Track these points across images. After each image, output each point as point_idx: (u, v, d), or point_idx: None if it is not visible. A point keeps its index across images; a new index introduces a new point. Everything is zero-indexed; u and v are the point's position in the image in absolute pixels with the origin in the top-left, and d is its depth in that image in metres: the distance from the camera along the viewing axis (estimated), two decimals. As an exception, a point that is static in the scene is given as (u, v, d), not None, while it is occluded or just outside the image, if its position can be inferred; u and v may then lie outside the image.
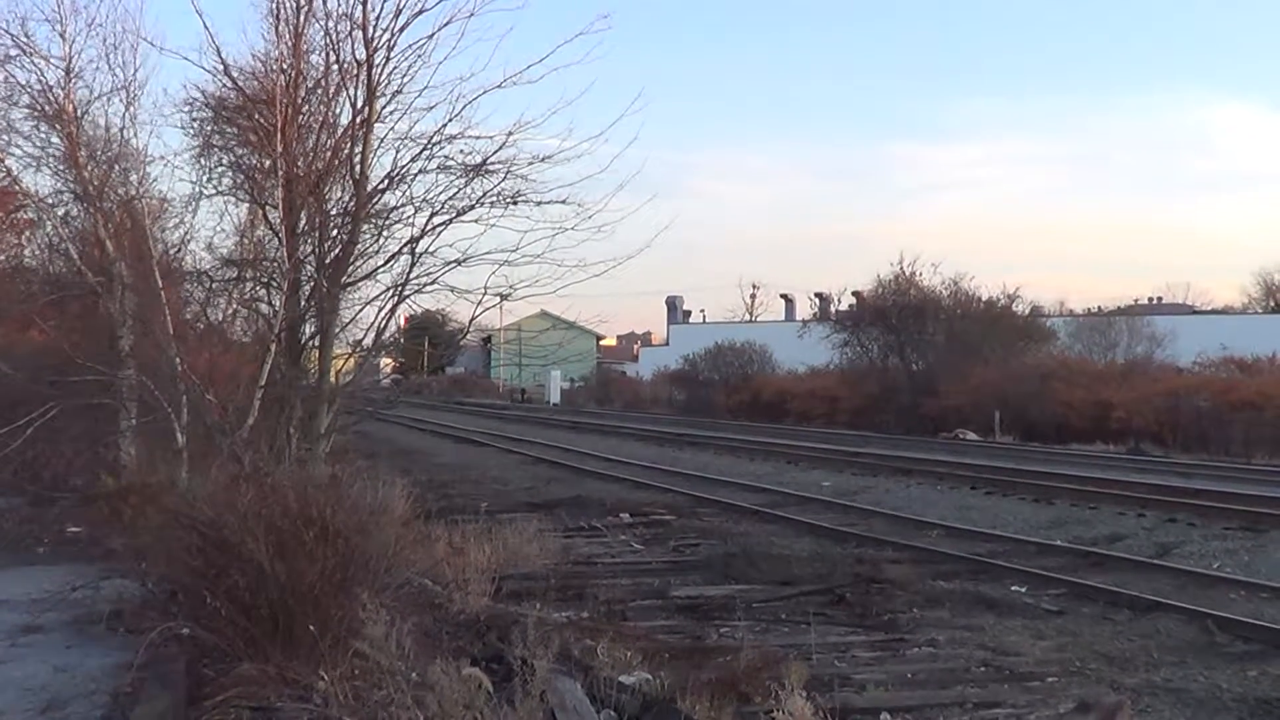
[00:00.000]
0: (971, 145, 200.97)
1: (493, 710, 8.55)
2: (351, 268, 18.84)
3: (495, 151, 18.28)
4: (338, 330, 19.30)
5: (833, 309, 77.88)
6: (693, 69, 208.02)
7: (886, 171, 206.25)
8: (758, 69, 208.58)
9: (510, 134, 18.21)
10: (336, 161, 19.12)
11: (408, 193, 18.82)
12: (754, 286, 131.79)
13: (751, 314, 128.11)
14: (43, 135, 21.63)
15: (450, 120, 18.25)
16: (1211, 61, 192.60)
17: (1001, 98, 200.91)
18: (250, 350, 20.56)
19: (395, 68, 18.41)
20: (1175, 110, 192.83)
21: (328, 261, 18.78)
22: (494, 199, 18.42)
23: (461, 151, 18.47)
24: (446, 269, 18.63)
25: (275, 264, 19.29)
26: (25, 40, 20.57)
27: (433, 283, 18.74)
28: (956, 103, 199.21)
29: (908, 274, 61.73)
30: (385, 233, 19.23)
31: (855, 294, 71.97)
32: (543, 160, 18.32)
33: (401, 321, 27.22)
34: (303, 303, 19.02)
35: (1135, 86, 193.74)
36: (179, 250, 22.76)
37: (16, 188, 22.30)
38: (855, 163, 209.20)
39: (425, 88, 18.45)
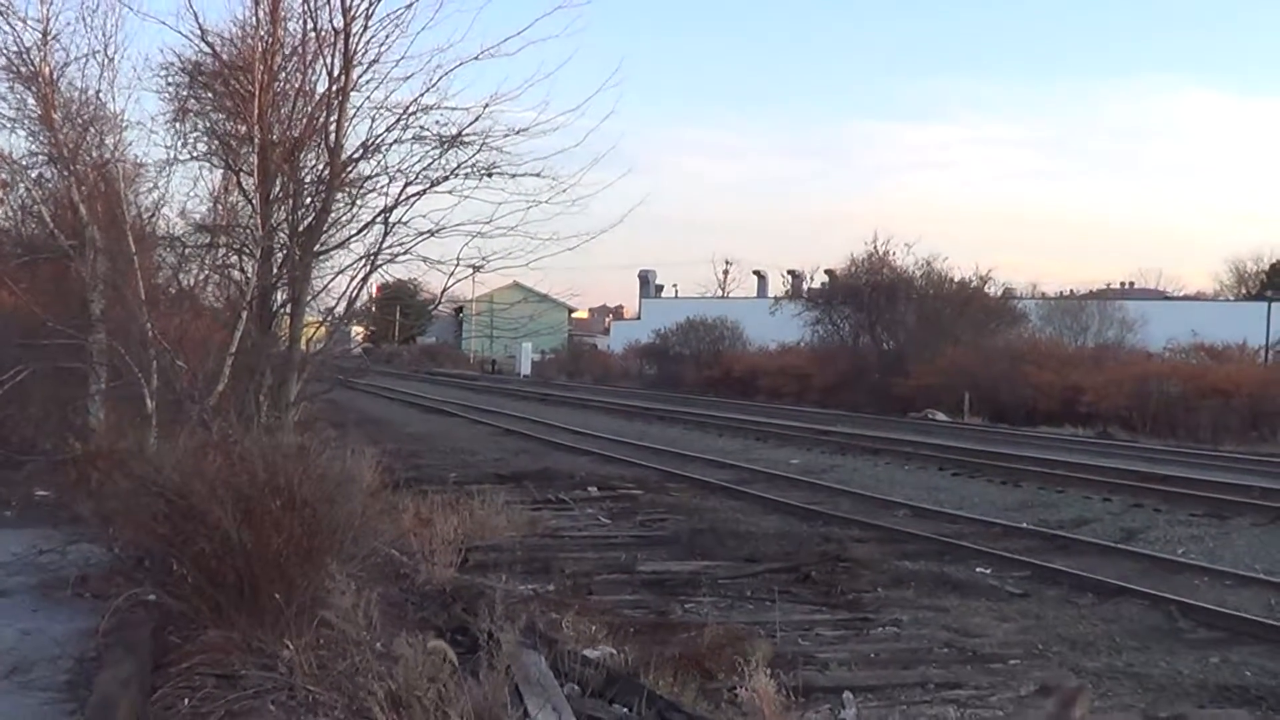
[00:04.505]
0: (945, 126, 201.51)
1: (457, 683, 8.58)
2: (324, 236, 18.82)
3: (471, 123, 18.25)
4: (309, 298, 19.27)
5: (805, 287, 77.65)
6: (669, 45, 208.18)
7: (861, 150, 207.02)
8: (733, 46, 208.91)
9: (486, 106, 18.18)
10: (312, 129, 19.07)
11: (382, 162, 18.80)
12: (727, 263, 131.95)
13: (724, 290, 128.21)
14: (18, 97, 21.46)
15: (426, 91, 18.22)
16: (1185, 47, 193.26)
17: (975, 79, 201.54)
18: (221, 317, 20.51)
19: (373, 37, 18.35)
20: (1149, 95, 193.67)
21: (301, 229, 18.75)
22: (468, 170, 18.41)
23: (437, 122, 18.44)
24: (419, 239, 18.61)
25: (248, 231, 19.23)
26: (2, 2, 20.42)
27: (405, 253, 18.73)
28: (930, 82, 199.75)
29: (881, 253, 61.77)
30: (359, 202, 19.20)
31: (828, 272, 71.92)
32: (518, 133, 18.29)
33: (373, 291, 27.21)
34: (275, 270, 18.97)
35: (1109, 71, 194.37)
36: (152, 215, 22.65)
37: (-10, 149, 22.12)
38: (830, 141, 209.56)
39: (402, 58, 18.41)
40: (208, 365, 18.14)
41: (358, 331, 44.97)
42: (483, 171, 18.35)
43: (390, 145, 18.66)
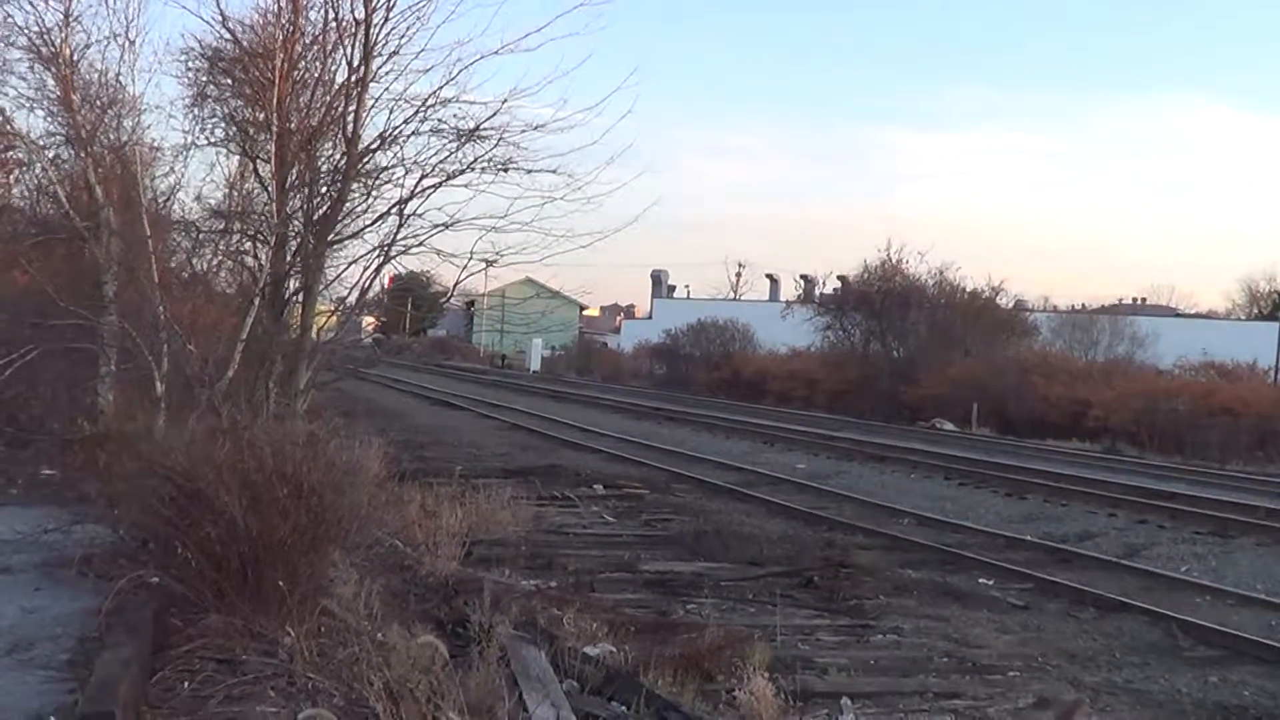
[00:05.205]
0: (961, 135, 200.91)
1: (449, 675, 8.59)
2: (339, 225, 18.85)
3: (489, 117, 18.29)
4: (322, 287, 19.33)
5: (817, 292, 77.74)
6: (687, 47, 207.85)
7: (876, 157, 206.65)
8: (751, 49, 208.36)
9: (505, 101, 18.21)
10: (330, 119, 19.10)
11: (399, 154, 18.81)
12: (739, 265, 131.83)
13: (736, 292, 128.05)
14: (37, 77, 21.54)
15: (446, 84, 18.26)
16: (1201, 63, 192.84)
17: (991, 89, 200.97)
18: (234, 303, 20.55)
19: (393, 28, 18.40)
20: (1165, 110, 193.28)
21: (316, 218, 18.78)
22: (485, 165, 18.43)
23: (455, 116, 18.47)
24: (434, 232, 18.66)
25: (263, 218, 19.28)
26: (26, -17, 20.46)
27: (419, 245, 18.77)
28: (945, 91, 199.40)
29: (894, 261, 61.71)
30: (374, 192, 19.22)
31: (840, 278, 71.82)
32: (535, 129, 18.34)
33: (386, 281, 27.20)
34: (289, 258, 19.00)
35: (1126, 85, 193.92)
36: (168, 199, 22.75)
37: (8, 128, 22.18)
38: (846, 147, 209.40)
39: (422, 50, 18.46)
40: (218, 351, 18.16)
41: (369, 322, 44.99)
42: (499, 166, 18.39)
43: (408, 137, 18.70)
